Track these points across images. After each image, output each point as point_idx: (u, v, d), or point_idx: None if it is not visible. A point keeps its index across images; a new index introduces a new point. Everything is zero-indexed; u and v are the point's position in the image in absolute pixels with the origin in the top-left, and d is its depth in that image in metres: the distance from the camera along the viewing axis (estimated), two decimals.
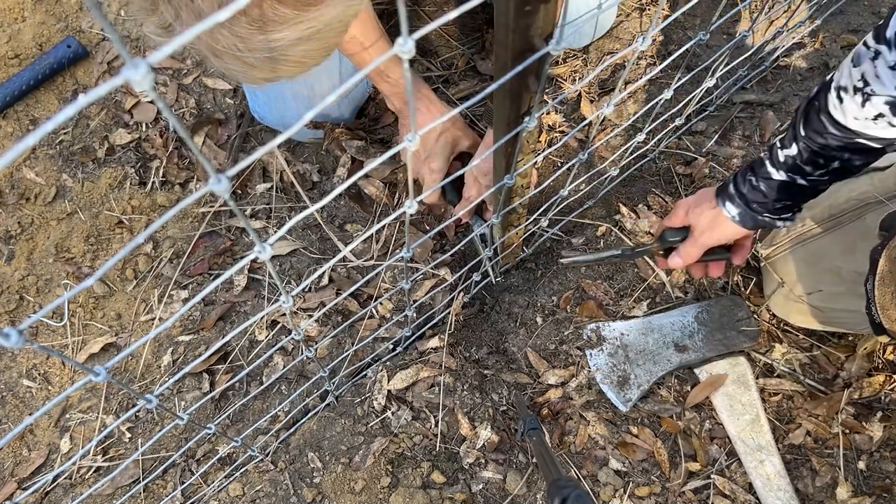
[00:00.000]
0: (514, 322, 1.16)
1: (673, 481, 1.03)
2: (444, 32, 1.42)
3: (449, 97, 1.36)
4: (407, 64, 0.34)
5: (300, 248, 1.25)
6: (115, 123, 1.35)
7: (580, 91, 1.34)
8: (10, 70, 1.36)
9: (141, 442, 1.13)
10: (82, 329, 1.21)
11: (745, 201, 0.84)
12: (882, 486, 1.00)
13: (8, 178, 1.31)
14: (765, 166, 0.81)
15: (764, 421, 1.05)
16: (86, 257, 1.26)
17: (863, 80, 0.66)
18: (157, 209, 1.29)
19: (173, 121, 0.30)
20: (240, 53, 0.56)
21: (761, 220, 0.85)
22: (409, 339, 1.13)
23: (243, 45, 0.55)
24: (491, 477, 1.03)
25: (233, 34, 0.54)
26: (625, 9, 1.42)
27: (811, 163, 0.77)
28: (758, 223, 0.86)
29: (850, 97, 0.68)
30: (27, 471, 1.11)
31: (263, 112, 1.26)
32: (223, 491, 1.05)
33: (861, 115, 0.68)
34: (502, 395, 1.10)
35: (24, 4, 1.42)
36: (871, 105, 0.66)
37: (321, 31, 0.57)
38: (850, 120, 0.70)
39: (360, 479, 1.02)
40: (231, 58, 0.56)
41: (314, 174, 1.31)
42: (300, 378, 1.15)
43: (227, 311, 1.21)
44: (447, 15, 0.34)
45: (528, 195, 0.87)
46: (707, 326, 1.11)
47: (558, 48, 0.48)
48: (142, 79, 0.24)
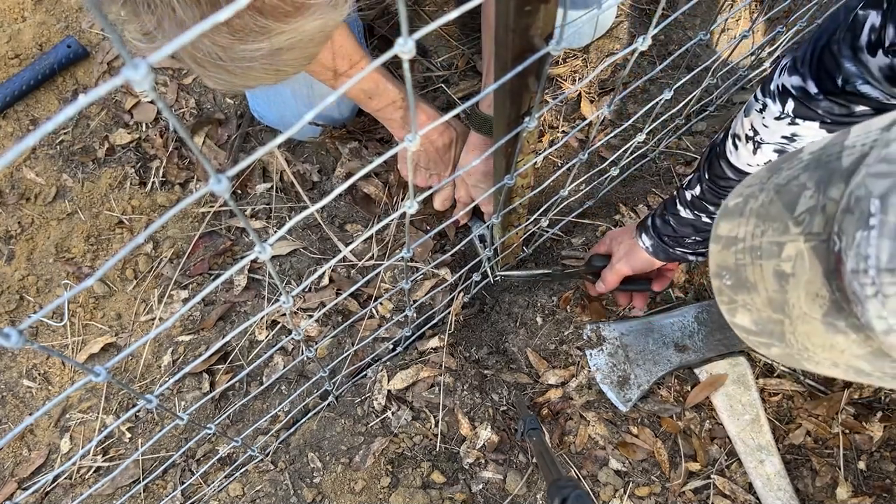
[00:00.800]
0: (514, 322, 1.16)
1: (673, 481, 1.03)
2: (444, 32, 1.42)
3: (449, 97, 1.36)
4: (407, 64, 0.34)
5: (300, 248, 1.25)
6: (115, 123, 1.35)
7: (580, 91, 1.34)
8: (10, 70, 1.36)
9: (141, 442, 1.13)
10: (82, 329, 1.21)
11: (658, 234, 0.92)
12: (882, 486, 1.00)
13: (8, 178, 1.31)
14: (675, 203, 0.89)
15: (764, 421, 1.05)
16: (86, 257, 1.26)
17: (753, 130, 0.72)
18: (157, 209, 1.29)
19: (173, 121, 0.30)
20: (220, 63, 0.56)
21: (673, 252, 0.92)
22: (409, 339, 1.13)
23: (224, 54, 0.55)
24: (491, 477, 1.03)
25: (214, 43, 0.54)
26: (625, 9, 1.42)
27: (714, 203, 0.83)
28: (670, 255, 0.93)
29: (744, 145, 0.74)
30: (27, 471, 1.11)
31: (263, 112, 1.26)
32: (223, 491, 1.05)
33: (753, 161, 0.74)
34: (502, 395, 1.10)
35: (24, 4, 1.42)
36: (762, 153, 0.72)
37: (301, 42, 0.57)
38: (744, 166, 0.76)
39: (360, 479, 1.02)
40: (212, 66, 0.57)
41: (314, 174, 1.31)
42: (300, 378, 1.15)
43: (227, 311, 1.21)
44: (447, 15, 0.34)
45: (528, 195, 0.87)
46: (707, 326, 1.11)
47: (558, 48, 0.48)
48: (142, 79, 0.24)
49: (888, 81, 0.57)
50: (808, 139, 0.68)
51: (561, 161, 1.31)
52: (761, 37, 1.36)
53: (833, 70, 0.61)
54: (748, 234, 0.49)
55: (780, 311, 0.47)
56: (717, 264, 0.53)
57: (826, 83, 0.62)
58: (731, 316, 0.53)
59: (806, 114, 0.66)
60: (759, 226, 0.48)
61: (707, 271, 1.17)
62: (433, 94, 1.38)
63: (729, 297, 0.52)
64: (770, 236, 0.47)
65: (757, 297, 0.49)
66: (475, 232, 1.00)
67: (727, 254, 0.51)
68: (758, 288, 0.48)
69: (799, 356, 0.48)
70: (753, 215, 0.49)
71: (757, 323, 0.51)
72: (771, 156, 0.72)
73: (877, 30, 0.56)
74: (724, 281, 0.52)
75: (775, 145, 0.71)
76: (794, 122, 0.67)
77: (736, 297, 0.51)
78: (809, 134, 0.67)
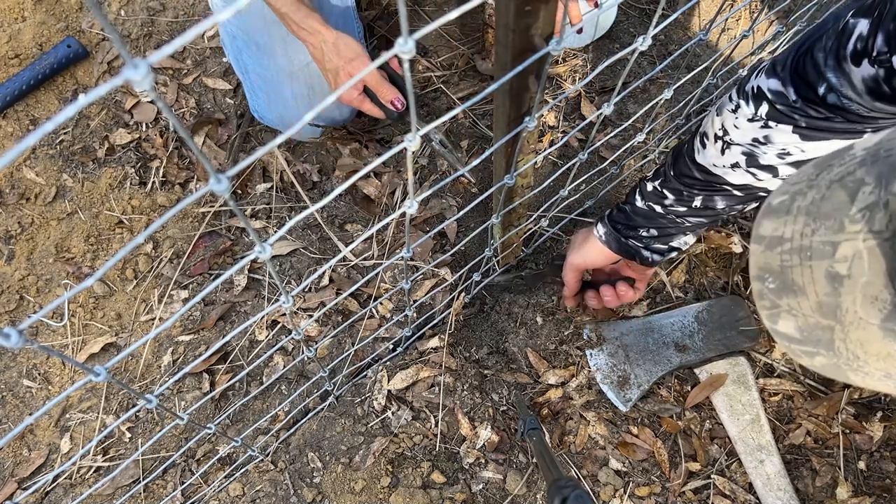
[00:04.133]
0: (514, 322, 1.16)
1: (673, 481, 1.03)
2: (444, 32, 1.42)
3: (449, 97, 1.36)
4: (407, 64, 0.34)
5: (300, 248, 1.25)
6: (115, 123, 1.35)
7: (580, 91, 1.34)
8: (10, 70, 1.36)
9: (141, 442, 1.13)
10: (82, 329, 1.21)
11: (612, 221, 0.92)
12: (882, 486, 1.00)
13: (8, 178, 1.31)
14: (634, 193, 0.89)
15: (764, 421, 1.05)
16: (86, 257, 1.26)
17: (723, 130, 0.71)
18: (157, 209, 1.29)
19: (173, 121, 0.30)
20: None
21: (625, 243, 0.92)
22: (409, 339, 1.13)
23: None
24: (491, 477, 1.03)
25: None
26: (625, 9, 1.42)
27: (674, 192, 0.83)
28: (622, 246, 0.92)
29: (712, 144, 0.74)
30: (27, 471, 1.11)
31: (263, 112, 1.26)
32: (223, 491, 1.05)
33: (720, 161, 0.74)
34: (502, 395, 1.10)
35: (24, 4, 1.42)
36: (730, 153, 0.72)
37: None
38: (710, 165, 0.75)
39: (360, 479, 1.02)
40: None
41: (314, 174, 1.31)
42: (300, 378, 1.15)
43: (227, 311, 1.21)
44: (447, 15, 0.34)
45: (528, 195, 0.87)
46: (707, 326, 1.11)
47: (558, 48, 0.48)
48: (142, 79, 0.24)
49: (870, 95, 0.56)
50: (780, 144, 0.67)
51: (561, 161, 1.31)
52: (761, 37, 1.36)
53: (814, 79, 0.60)
54: (796, 234, 0.46)
55: (830, 317, 0.44)
56: (759, 266, 0.49)
57: (805, 90, 0.62)
58: (773, 323, 0.49)
59: (780, 118, 0.65)
60: (808, 224, 0.45)
61: (707, 270, 1.17)
62: (433, 94, 1.38)
63: (771, 301, 0.49)
64: (822, 235, 0.44)
65: (805, 301, 0.46)
66: (434, 140, 0.98)
67: (771, 255, 0.48)
68: (806, 291, 0.45)
69: (847, 366, 0.45)
70: (802, 213, 0.46)
71: (802, 330, 0.47)
72: (739, 157, 0.72)
73: (864, 38, 0.55)
74: (766, 284, 0.48)
75: (745, 147, 0.70)
76: (766, 126, 0.67)
77: (780, 301, 0.48)
78: (782, 139, 0.66)
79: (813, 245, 0.44)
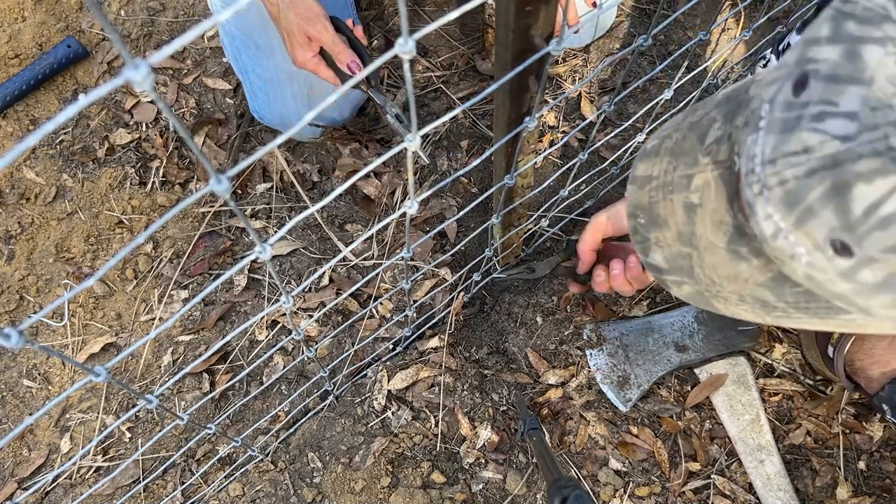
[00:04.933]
0: (514, 322, 1.16)
1: (673, 481, 1.03)
2: (444, 32, 1.42)
3: (449, 97, 1.36)
4: (407, 64, 0.34)
5: (300, 248, 1.25)
6: (115, 123, 1.35)
7: (580, 91, 1.34)
8: (10, 70, 1.36)
9: (141, 442, 1.13)
10: (82, 329, 1.21)
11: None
12: (882, 486, 1.00)
13: (8, 178, 1.31)
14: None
15: (764, 421, 1.05)
16: (86, 257, 1.26)
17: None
18: (157, 209, 1.29)
19: (173, 121, 0.30)
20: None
21: None
22: (409, 339, 1.13)
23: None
24: (491, 477, 1.03)
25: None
26: (625, 9, 1.42)
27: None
28: None
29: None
30: (27, 471, 1.11)
31: (263, 112, 1.26)
32: (223, 491, 1.05)
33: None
34: (502, 395, 1.10)
35: (24, 4, 1.42)
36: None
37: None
38: None
39: (360, 479, 1.02)
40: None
41: (314, 174, 1.31)
42: (300, 378, 1.15)
43: (227, 311, 1.21)
44: (447, 15, 0.34)
45: (528, 195, 0.87)
46: (707, 326, 1.11)
47: (559, 48, 0.48)
48: (142, 79, 0.24)
49: None
50: None
51: (561, 161, 1.31)
52: (761, 37, 1.36)
53: None
54: (661, 172, 0.49)
55: (688, 244, 0.48)
56: (633, 204, 0.53)
57: None
58: (645, 255, 0.54)
59: None
60: (671, 162, 0.48)
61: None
62: (433, 94, 1.38)
63: (643, 235, 0.52)
64: (681, 171, 0.47)
65: (668, 232, 0.49)
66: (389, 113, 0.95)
67: (642, 193, 0.52)
68: (668, 223, 0.49)
69: (708, 293, 0.49)
70: (667, 153, 0.49)
71: (668, 260, 0.51)
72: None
73: None
74: (638, 220, 0.52)
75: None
76: None
77: (649, 234, 0.52)
78: None
79: (674, 180, 0.47)
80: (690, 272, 0.49)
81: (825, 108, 0.32)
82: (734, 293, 0.46)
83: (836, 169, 0.32)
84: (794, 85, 0.34)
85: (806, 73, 0.34)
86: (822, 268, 0.35)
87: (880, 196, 0.31)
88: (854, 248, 0.33)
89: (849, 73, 0.32)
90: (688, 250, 0.48)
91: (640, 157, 0.53)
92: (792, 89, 0.34)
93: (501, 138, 0.65)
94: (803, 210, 0.34)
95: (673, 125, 0.51)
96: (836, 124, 0.32)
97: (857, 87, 0.31)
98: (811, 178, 0.33)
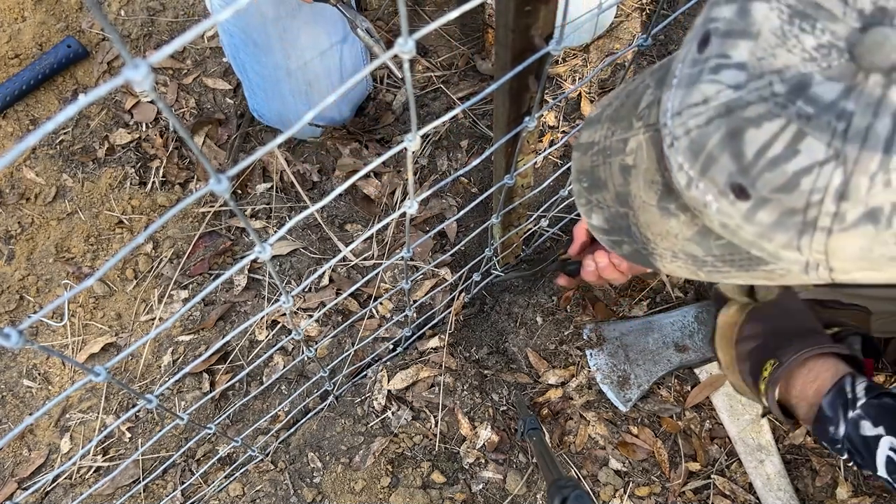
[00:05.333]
0: (514, 322, 1.16)
1: (673, 481, 1.03)
2: (444, 32, 1.42)
3: (449, 97, 1.36)
4: (407, 64, 0.34)
5: (300, 248, 1.25)
6: (115, 123, 1.35)
7: (580, 91, 1.34)
8: (10, 70, 1.36)
9: (141, 442, 1.13)
10: (82, 329, 1.21)
11: None
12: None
13: (8, 178, 1.31)
14: None
15: (764, 421, 1.05)
16: (86, 257, 1.26)
17: None
18: (157, 209, 1.29)
19: (173, 121, 0.30)
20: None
21: None
22: (409, 339, 1.13)
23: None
24: (491, 477, 1.03)
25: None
26: (625, 8, 1.42)
27: None
28: None
29: None
30: (27, 471, 1.11)
31: (262, 110, 1.26)
32: (223, 491, 1.05)
33: None
34: (502, 395, 1.10)
35: (24, 4, 1.42)
36: None
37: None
38: None
39: (360, 479, 1.02)
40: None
41: (314, 174, 1.31)
42: (300, 378, 1.15)
43: (227, 311, 1.21)
44: (447, 15, 0.34)
45: (528, 195, 0.87)
46: (707, 326, 1.11)
47: (558, 48, 0.48)
48: (142, 79, 0.24)
49: None
50: None
51: (561, 161, 1.31)
52: None
53: None
54: (601, 137, 0.52)
55: (625, 205, 0.50)
56: (577, 169, 0.55)
57: None
58: (588, 217, 0.56)
59: None
60: (610, 128, 0.51)
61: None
62: (433, 94, 1.38)
63: (586, 198, 0.55)
64: (618, 135, 0.49)
65: (607, 194, 0.52)
66: (360, 27, 0.94)
67: (585, 158, 0.54)
68: (607, 185, 0.52)
69: (645, 251, 0.52)
70: (607, 120, 0.51)
71: (608, 220, 0.54)
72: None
73: None
74: (581, 184, 0.55)
75: None
76: None
77: (591, 197, 0.54)
78: None
79: (612, 144, 0.50)
80: (628, 231, 0.52)
81: (720, 60, 0.35)
82: (668, 250, 0.48)
83: (730, 116, 0.35)
84: (698, 43, 0.37)
85: (708, 32, 0.37)
86: (728, 213, 0.38)
87: (768, 139, 0.34)
88: (749, 190, 0.35)
89: (740, 28, 0.35)
90: (625, 210, 0.51)
91: (583, 125, 0.56)
92: (697, 47, 0.37)
93: (501, 138, 0.65)
94: (706, 157, 0.37)
95: (615, 93, 0.53)
96: (728, 74, 0.35)
97: (746, 40, 0.34)
98: (709, 125, 0.36)
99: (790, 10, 0.33)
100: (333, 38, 1.14)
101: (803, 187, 0.33)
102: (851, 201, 0.33)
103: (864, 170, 0.31)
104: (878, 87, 0.31)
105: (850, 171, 0.32)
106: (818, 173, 0.33)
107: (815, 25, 0.32)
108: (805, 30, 0.33)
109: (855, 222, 0.33)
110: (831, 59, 0.32)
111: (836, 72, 0.32)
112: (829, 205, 0.33)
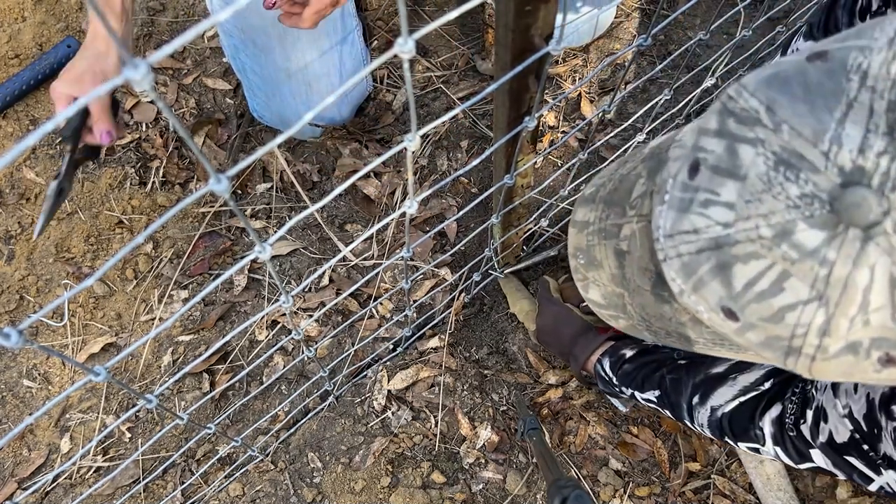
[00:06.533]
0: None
1: (673, 481, 1.03)
2: (444, 32, 1.42)
3: (449, 97, 1.36)
4: (407, 64, 0.34)
5: (300, 248, 1.25)
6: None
7: (580, 91, 1.34)
8: (10, 70, 1.36)
9: (141, 442, 1.13)
10: (82, 329, 1.21)
11: None
12: None
13: (8, 178, 1.31)
14: None
15: None
16: (86, 257, 1.26)
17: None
18: (157, 209, 1.29)
19: (173, 121, 0.30)
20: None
21: None
22: (409, 339, 1.13)
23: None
24: (491, 477, 1.03)
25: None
26: (625, 8, 1.42)
27: None
28: None
29: None
30: (27, 471, 1.11)
31: (262, 110, 1.26)
32: (223, 491, 1.05)
33: None
34: (502, 395, 1.10)
35: (24, 4, 1.42)
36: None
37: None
38: None
39: (360, 479, 1.02)
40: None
41: (314, 174, 1.31)
42: (300, 378, 1.15)
43: (227, 311, 1.21)
44: (447, 15, 0.34)
45: (528, 195, 0.87)
46: None
47: (558, 48, 0.48)
48: (142, 79, 0.24)
49: None
50: None
51: (561, 161, 1.31)
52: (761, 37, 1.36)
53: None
54: (597, 219, 0.54)
55: (620, 286, 0.53)
56: (574, 246, 0.58)
57: None
58: (585, 292, 0.59)
59: None
60: (605, 210, 0.53)
61: None
62: (433, 94, 1.38)
63: (582, 274, 0.58)
64: (612, 219, 0.52)
65: (603, 273, 0.55)
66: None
67: (581, 236, 0.57)
68: (603, 265, 0.54)
69: (640, 326, 0.54)
70: (601, 202, 0.54)
71: (604, 297, 0.57)
72: None
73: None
74: (578, 260, 0.58)
75: None
76: None
77: (588, 274, 0.57)
78: None
79: (606, 227, 0.53)
80: (624, 309, 0.55)
81: (709, 196, 0.38)
82: (661, 329, 0.51)
83: (719, 251, 0.37)
84: (689, 168, 0.39)
85: (697, 161, 0.39)
86: (719, 325, 0.41)
87: (755, 275, 0.36)
88: (738, 315, 0.38)
89: (728, 167, 0.37)
90: (620, 290, 0.53)
91: (579, 202, 0.58)
92: (687, 172, 0.39)
93: (501, 138, 0.65)
94: (697, 279, 0.39)
95: (608, 173, 0.56)
96: (717, 212, 0.37)
97: (734, 181, 0.37)
98: (700, 255, 0.38)
99: (775, 158, 0.35)
100: (333, 38, 1.14)
101: (788, 321, 0.36)
102: (833, 337, 0.35)
103: (844, 313, 0.34)
104: (858, 241, 0.33)
105: (832, 313, 0.34)
106: (802, 310, 0.35)
107: (799, 175, 0.34)
108: (789, 179, 0.35)
109: (836, 353, 0.35)
110: (814, 208, 0.34)
111: (819, 221, 0.34)
112: (812, 338, 0.36)
